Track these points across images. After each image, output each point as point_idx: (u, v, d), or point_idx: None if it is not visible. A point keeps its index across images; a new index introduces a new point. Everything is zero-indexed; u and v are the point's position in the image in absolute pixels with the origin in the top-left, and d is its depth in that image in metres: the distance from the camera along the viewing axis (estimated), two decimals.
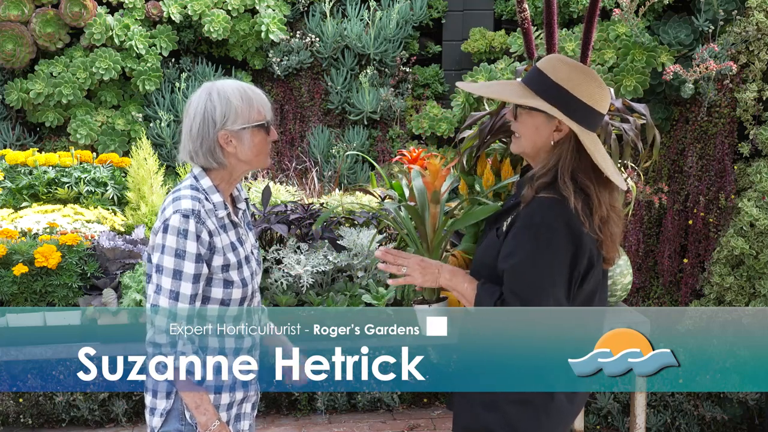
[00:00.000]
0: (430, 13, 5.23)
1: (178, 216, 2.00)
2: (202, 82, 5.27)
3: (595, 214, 1.94)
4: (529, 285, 1.96)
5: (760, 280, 4.00)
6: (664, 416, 4.19)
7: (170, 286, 2.00)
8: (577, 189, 1.95)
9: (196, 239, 2.01)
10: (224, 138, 2.05)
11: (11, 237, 3.17)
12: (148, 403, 2.13)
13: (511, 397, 2.07)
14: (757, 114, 4.23)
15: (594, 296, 2.08)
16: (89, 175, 4.20)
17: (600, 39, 4.46)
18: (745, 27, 4.16)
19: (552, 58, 2.05)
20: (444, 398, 4.31)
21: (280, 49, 5.08)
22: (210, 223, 2.06)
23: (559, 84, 1.97)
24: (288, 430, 3.99)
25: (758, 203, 4.01)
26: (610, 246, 1.98)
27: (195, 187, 2.07)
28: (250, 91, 2.09)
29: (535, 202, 1.98)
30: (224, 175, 2.11)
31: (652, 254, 4.54)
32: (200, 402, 2.06)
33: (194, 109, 2.04)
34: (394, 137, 5.06)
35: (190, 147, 2.05)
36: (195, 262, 2.01)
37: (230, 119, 2.04)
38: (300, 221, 3.24)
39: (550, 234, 1.94)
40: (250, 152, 2.09)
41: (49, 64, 4.82)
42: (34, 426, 4.05)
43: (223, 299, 2.12)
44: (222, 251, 2.08)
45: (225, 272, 2.10)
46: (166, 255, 2.00)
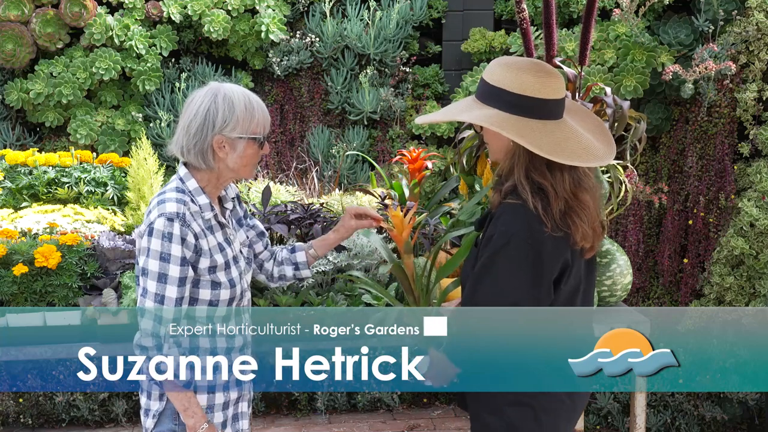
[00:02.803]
0: (430, 13, 5.23)
1: (163, 219, 1.99)
2: (202, 82, 5.28)
3: (554, 209, 1.92)
4: (485, 294, 1.97)
5: (760, 280, 4.00)
6: (664, 416, 4.19)
7: (155, 290, 2.00)
8: (534, 188, 1.95)
9: (181, 242, 2.01)
10: (218, 142, 2.05)
11: (11, 237, 3.17)
12: (142, 404, 2.14)
13: (510, 398, 2.07)
14: (757, 114, 4.23)
15: (576, 293, 2.08)
16: (89, 175, 4.20)
17: (600, 39, 4.46)
18: (745, 27, 4.16)
19: (492, 63, 2.07)
20: (444, 398, 4.31)
21: (280, 49, 5.08)
22: (196, 225, 2.05)
23: (495, 85, 1.99)
24: (288, 430, 3.99)
25: (758, 203, 4.01)
26: (579, 235, 1.95)
27: (181, 189, 2.07)
28: (255, 102, 2.09)
29: (500, 209, 1.99)
30: (211, 177, 2.10)
31: (652, 254, 4.54)
32: (188, 405, 2.06)
33: (197, 107, 2.04)
34: (394, 137, 5.06)
35: (184, 142, 2.05)
36: (180, 265, 2.01)
37: (230, 126, 2.04)
38: (300, 221, 3.24)
39: (508, 241, 1.93)
40: (239, 161, 2.08)
41: (49, 64, 4.82)
42: (34, 426, 4.05)
43: (211, 300, 2.12)
44: (209, 253, 2.08)
45: (212, 274, 2.09)
46: (151, 258, 1.99)
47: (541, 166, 1.96)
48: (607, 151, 2.03)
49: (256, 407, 4.07)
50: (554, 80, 1.99)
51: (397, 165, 4.53)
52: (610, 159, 2.02)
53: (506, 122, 1.97)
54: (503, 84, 1.98)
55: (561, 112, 2.03)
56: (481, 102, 2.03)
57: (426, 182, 4.10)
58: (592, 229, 2.00)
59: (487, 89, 2.02)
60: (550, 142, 1.95)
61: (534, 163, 1.97)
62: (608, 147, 2.05)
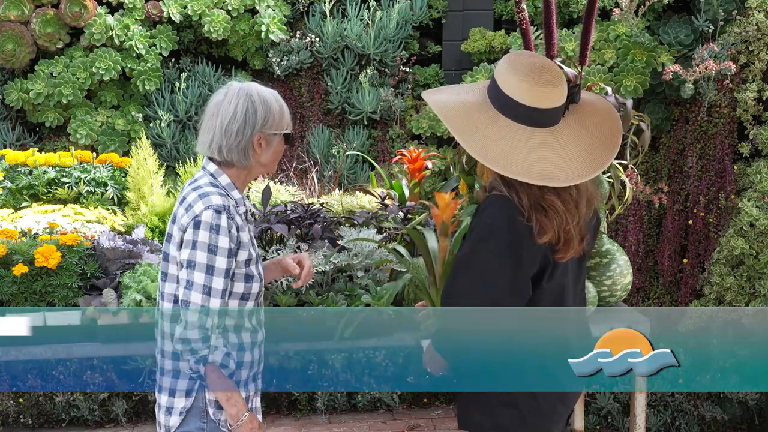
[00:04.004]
0: (430, 13, 5.23)
1: (211, 212, 2.03)
2: (202, 82, 5.29)
3: (523, 201, 1.93)
4: (464, 283, 1.99)
5: (760, 280, 4.00)
6: (664, 416, 4.19)
7: (203, 281, 2.02)
8: (505, 182, 1.97)
9: (228, 234, 2.04)
10: (258, 140, 2.11)
11: (11, 237, 3.17)
12: (164, 403, 2.13)
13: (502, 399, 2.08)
14: (757, 114, 4.23)
15: (565, 291, 2.08)
16: (89, 175, 4.20)
17: (600, 39, 4.46)
18: (745, 27, 4.16)
19: (511, 53, 2.09)
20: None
21: (280, 49, 5.08)
22: (238, 218, 2.11)
23: (493, 74, 2.03)
24: (288, 430, 3.99)
25: (758, 203, 4.01)
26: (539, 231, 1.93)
27: (214, 185, 2.11)
28: (281, 100, 2.19)
29: (485, 202, 2.02)
30: (241, 174, 2.16)
31: (652, 254, 4.54)
32: (231, 395, 2.08)
33: (233, 108, 2.09)
34: (394, 137, 5.06)
35: (223, 143, 2.09)
36: (227, 257, 2.05)
37: (268, 123, 2.12)
38: (300, 221, 3.24)
39: (489, 232, 1.96)
40: (271, 157, 2.16)
41: (49, 64, 4.82)
42: (34, 426, 4.05)
43: (244, 293, 2.15)
44: (246, 246, 2.13)
45: (247, 266, 2.13)
46: (199, 250, 2.02)
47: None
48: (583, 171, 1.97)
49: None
50: (543, 89, 1.97)
51: (397, 165, 4.53)
52: (576, 181, 1.96)
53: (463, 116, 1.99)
54: (497, 76, 2.01)
55: (549, 121, 2.01)
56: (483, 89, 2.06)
57: (426, 182, 4.10)
58: (565, 232, 1.98)
59: (492, 81, 2.04)
60: (499, 148, 1.95)
61: None
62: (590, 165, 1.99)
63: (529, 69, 1.99)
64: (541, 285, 2.01)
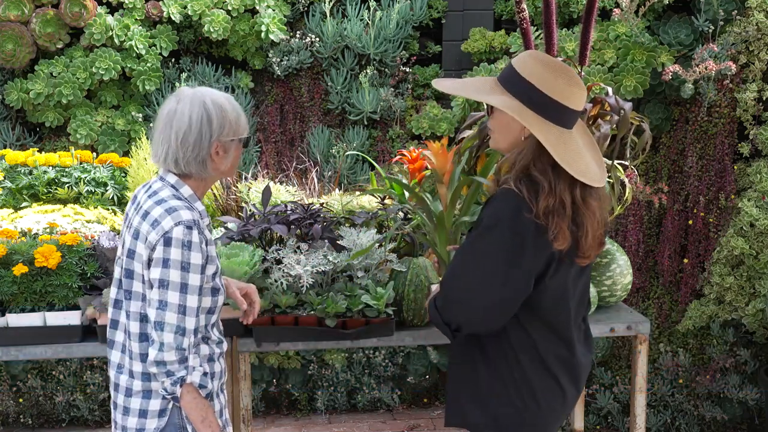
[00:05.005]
0: (430, 13, 5.23)
1: (181, 228, 1.95)
2: (202, 82, 5.27)
3: (541, 204, 1.93)
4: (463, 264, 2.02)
5: (760, 280, 4.00)
6: (664, 416, 4.19)
7: (178, 301, 1.93)
8: (529, 182, 1.96)
9: (199, 250, 1.98)
10: (215, 149, 2.03)
11: (11, 237, 3.16)
12: (132, 425, 2.03)
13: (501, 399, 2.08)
14: (757, 114, 4.23)
15: (565, 293, 2.08)
16: (89, 175, 4.19)
17: (600, 39, 4.46)
18: (745, 27, 4.16)
19: (524, 54, 2.06)
20: (444, 398, 4.31)
21: (280, 49, 5.07)
22: (206, 232, 2.04)
23: (526, 78, 1.98)
24: (288, 430, 3.99)
25: (758, 203, 4.01)
26: (560, 238, 1.95)
27: (177, 197, 2.03)
28: (236, 103, 2.09)
29: (495, 194, 2.02)
30: (200, 184, 2.09)
31: (652, 254, 4.54)
32: (206, 414, 2.02)
33: (188, 117, 1.99)
34: (394, 137, 5.06)
35: (180, 155, 2.00)
36: (200, 273, 1.98)
37: (225, 130, 2.03)
38: (300, 221, 3.23)
39: (495, 224, 1.97)
40: (229, 164, 2.09)
41: (49, 64, 4.82)
42: (34, 426, 4.04)
43: (211, 307, 2.10)
44: (214, 259, 2.08)
45: (214, 280, 2.08)
46: (172, 269, 1.93)
47: (546, 166, 1.97)
48: (602, 174, 2.05)
49: (255, 407, 4.07)
50: (581, 91, 1.99)
51: (397, 165, 4.53)
52: (603, 183, 2.03)
53: (532, 119, 1.97)
54: (533, 79, 1.96)
55: (573, 123, 2.04)
56: (503, 88, 2.02)
57: (426, 182, 4.09)
58: (600, 236, 2.04)
59: (514, 78, 2.00)
60: (567, 150, 1.96)
61: (537, 162, 1.98)
62: (602, 169, 2.06)
63: (562, 69, 2.00)
64: (543, 282, 2.01)
